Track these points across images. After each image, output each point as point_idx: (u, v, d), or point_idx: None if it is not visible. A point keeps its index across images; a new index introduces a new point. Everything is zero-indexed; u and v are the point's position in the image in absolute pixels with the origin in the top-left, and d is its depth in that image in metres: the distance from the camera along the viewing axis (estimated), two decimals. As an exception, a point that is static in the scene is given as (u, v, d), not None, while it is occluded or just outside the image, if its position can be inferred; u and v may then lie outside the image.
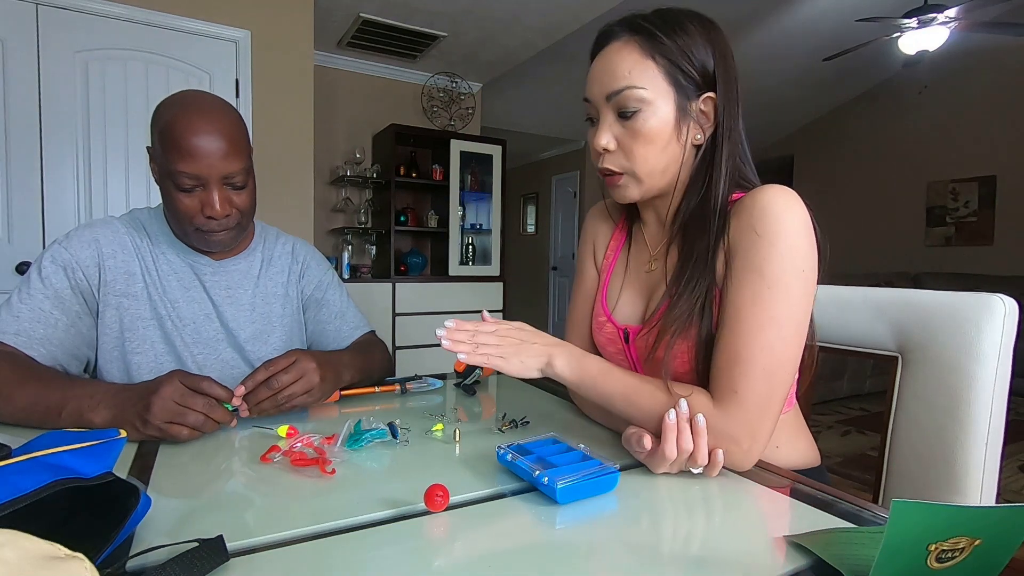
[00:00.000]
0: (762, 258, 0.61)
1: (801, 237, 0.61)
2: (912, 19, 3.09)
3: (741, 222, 0.64)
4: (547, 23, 3.31)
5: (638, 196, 0.73)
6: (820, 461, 0.79)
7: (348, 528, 0.48)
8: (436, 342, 0.64)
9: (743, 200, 0.65)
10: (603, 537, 0.48)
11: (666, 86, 0.67)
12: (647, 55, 0.67)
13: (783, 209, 0.61)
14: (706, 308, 0.66)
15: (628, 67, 0.67)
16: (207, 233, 0.90)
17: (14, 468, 0.41)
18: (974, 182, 4.73)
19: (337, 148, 3.92)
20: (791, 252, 0.61)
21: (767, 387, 0.60)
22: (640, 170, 0.70)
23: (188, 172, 0.84)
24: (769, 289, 0.60)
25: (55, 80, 2.22)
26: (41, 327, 0.83)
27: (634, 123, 0.68)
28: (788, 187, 0.64)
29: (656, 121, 0.68)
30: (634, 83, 0.67)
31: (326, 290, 1.12)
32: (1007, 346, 0.70)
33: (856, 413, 3.53)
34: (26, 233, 2.21)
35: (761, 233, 0.62)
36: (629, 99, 0.67)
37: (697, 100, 0.68)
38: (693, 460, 0.58)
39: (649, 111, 0.67)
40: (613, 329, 0.78)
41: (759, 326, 0.60)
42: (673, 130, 0.68)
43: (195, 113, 0.84)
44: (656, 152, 0.69)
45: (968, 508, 0.34)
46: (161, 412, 0.66)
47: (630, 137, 0.69)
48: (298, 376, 0.77)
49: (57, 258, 0.87)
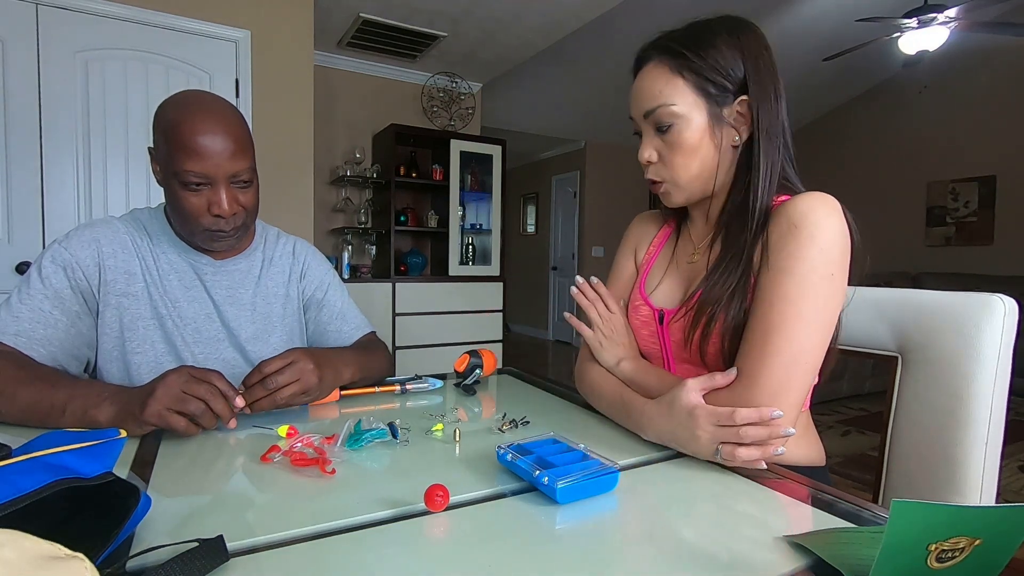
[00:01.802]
0: (796, 258, 0.64)
1: (835, 244, 0.64)
2: (912, 19, 3.09)
3: (781, 224, 0.67)
4: (547, 23, 3.31)
5: (683, 200, 0.78)
6: (825, 461, 0.80)
7: (348, 528, 0.48)
8: (436, 342, 0.66)
9: (786, 204, 0.68)
10: (603, 537, 0.48)
11: (696, 98, 0.72)
12: (676, 73, 0.73)
13: (822, 216, 0.65)
14: (737, 294, 0.69)
15: (660, 86, 0.73)
16: (214, 232, 0.90)
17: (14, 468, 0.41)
18: (974, 182, 4.73)
19: (337, 148, 3.92)
20: (823, 256, 0.64)
21: (785, 375, 0.62)
22: (680, 178, 0.75)
23: (196, 171, 0.84)
24: (798, 287, 0.64)
25: (55, 80, 2.22)
26: (41, 327, 0.82)
27: (670, 136, 0.74)
28: (830, 196, 0.67)
29: (690, 133, 0.73)
30: (665, 100, 0.73)
31: (327, 291, 1.12)
32: (1007, 346, 0.70)
33: (856, 413, 3.53)
34: (26, 233, 2.21)
35: (798, 235, 0.65)
36: (663, 115, 0.73)
37: (732, 105, 0.72)
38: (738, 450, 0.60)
39: (683, 124, 0.73)
40: (648, 311, 0.81)
41: (785, 319, 0.63)
42: (709, 138, 0.73)
43: (201, 113, 0.85)
44: (694, 160, 0.74)
45: (968, 508, 0.34)
46: (164, 396, 0.67)
47: (668, 149, 0.75)
48: (295, 377, 0.77)
49: (57, 258, 0.87)
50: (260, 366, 0.76)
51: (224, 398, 0.70)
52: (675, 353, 0.79)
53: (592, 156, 6.25)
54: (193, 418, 0.68)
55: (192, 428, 0.68)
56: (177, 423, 0.67)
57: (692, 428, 0.63)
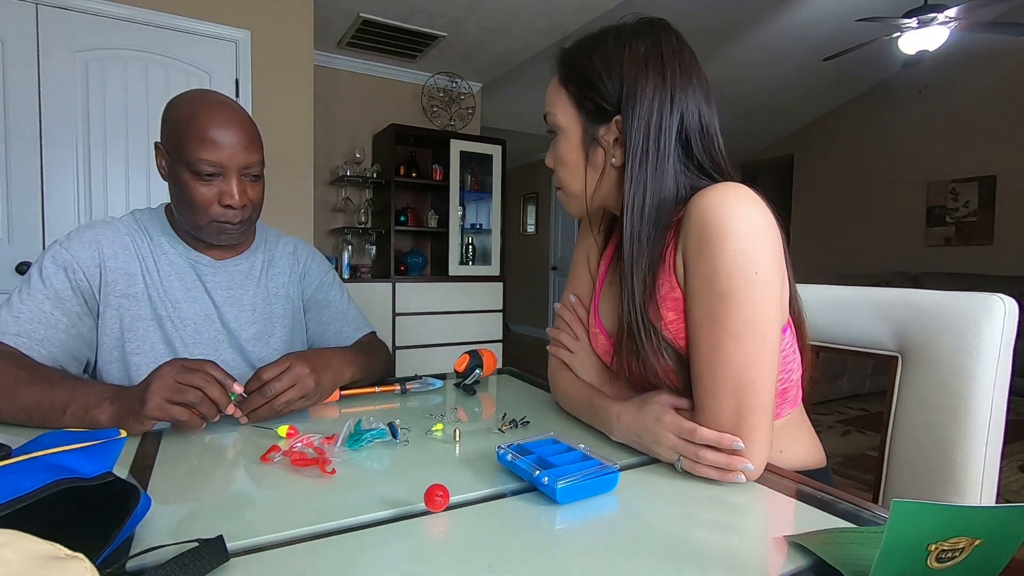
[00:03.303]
0: (710, 269, 0.58)
1: (750, 239, 0.57)
2: (912, 19, 3.09)
3: (688, 231, 0.61)
4: (547, 23, 3.31)
5: (578, 211, 0.76)
6: (826, 462, 0.79)
7: (348, 528, 0.48)
8: (436, 342, 0.65)
9: (689, 205, 0.62)
10: (603, 537, 0.48)
11: (574, 112, 0.70)
12: (561, 84, 0.71)
13: (728, 213, 0.58)
14: (648, 314, 0.65)
15: (550, 94, 0.73)
16: (222, 224, 0.91)
17: (14, 468, 0.41)
18: (974, 182, 4.73)
19: (337, 148, 3.92)
20: (739, 258, 0.57)
21: (735, 402, 0.58)
22: (566, 188, 0.74)
23: (210, 160, 0.85)
24: (721, 301, 0.58)
25: (55, 80, 2.21)
26: (42, 328, 0.83)
27: (555, 146, 0.73)
28: (739, 184, 0.61)
29: (566, 146, 0.72)
30: (550, 109, 0.72)
31: (327, 291, 1.12)
32: (1007, 346, 0.70)
33: (856, 413, 3.53)
34: (26, 233, 2.21)
35: (705, 242, 0.58)
36: (549, 122, 0.73)
37: (610, 123, 0.68)
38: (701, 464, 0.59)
39: (562, 136, 0.72)
40: (604, 341, 0.78)
41: (716, 342, 0.59)
42: (581, 155, 0.71)
43: (216, 106, 0.88)
44: (572, 173, 0.73)
45: (968, 508, 0.34)
46: (160, 388, 0.67)
47: (554, 158, 0.74)
48: (292, 383, 0.77)
49: (58, 259, 0.87)
50: (258, 373, 0.76)
51: (220, 385, 0.70)
52: (640, 382, 0.73)
53: (592, 156, 6.25)
54: (192, 406, 0.68)
55: (195, 420, 0.68)
56: (179, 414, 0.67)
57: (656, 433, 0.62)
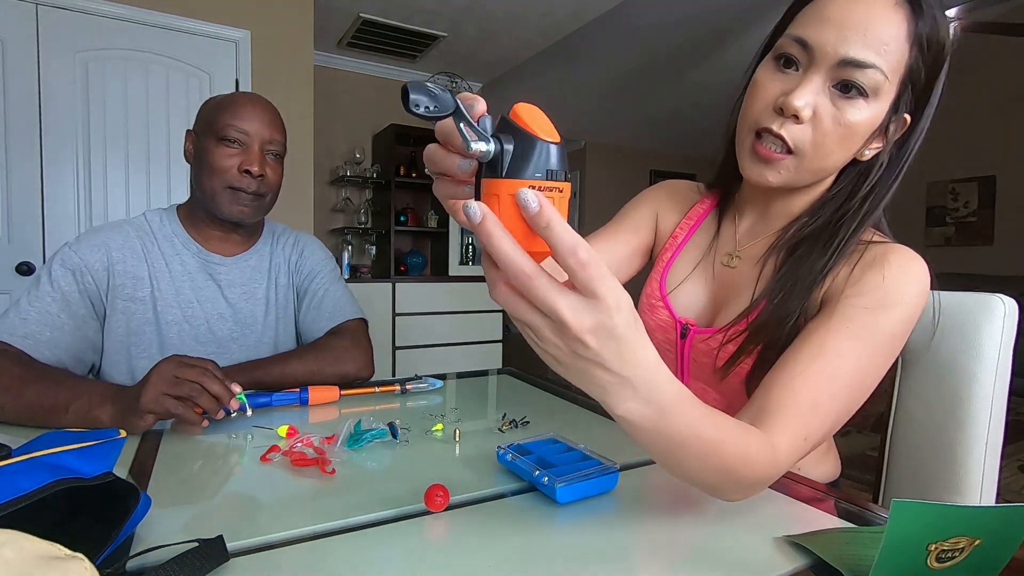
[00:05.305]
0: (875, 323, 0.53)
1: (917, 312, 0.55)
2: (912, 19, 3.08)
3: (872, 274, 0.55)
4: (547, 23, 3.31)
5: (786, 182, 0.59)
6: (839, 474, 0.78)
7: (348, 528, 0.48)
8: (436, 342, 0.65)
9: (886, 254, 0.56)
10: (603, 537, 0.47)
11: (899, 82, 0.54)
12: (911, 38, 0.52)
13: (920, 282, 0.55)
14: (793, 327, 0.57)
15: (888, 38, 0.51)
16: (237, 191, 0.93)
17: (14, 468, 0.41)
18: (974, 182, 4.73)
19: (337, 148, 3.92)
20: (902, 325, 0.54)
21: (801, 448, 0.50)
22: (814, 160, 0.56)
23: (237, 125, 0.92)
24: (869, 355, 0.53)
25: (55, 80, 2.22)
26: (48, 330, 0.83)
27: (847, 105, 0.53)
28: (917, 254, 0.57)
29: (870, 117, 0.54)
30: (884, 64, 0.52)
31: (311, 281, 1.11)
32: (1007, 346, 0.70)
33: (856, 413, 3.53)
34: (26, 233, 2.21)
35: (889, 297, 0.54)
36: (865, 78, 0.52)
37: (899, 115, 0.56)
38: None
39: (871, 102, 0.53)
40: (669, 319, 0.70)
41: (836, 390, 0.51)
42: (871, 131, 0.56)
43: (248, 94, 0.98)
44: (843, 150, 0.56)
45: (968, 508, 0.34)
46: (158, 382, 0.67)
47: (831, 119, 0.54)
48: None
49: (67, 261, 0.88)
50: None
51: (219, 380, 0.70)
52: (693, 372, 0.69)
53: (592, 156, 6.25)
54: (190, 400, 0.68)
55: (193, 415, 0.68)
56: (174, 408, 0.67)
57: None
